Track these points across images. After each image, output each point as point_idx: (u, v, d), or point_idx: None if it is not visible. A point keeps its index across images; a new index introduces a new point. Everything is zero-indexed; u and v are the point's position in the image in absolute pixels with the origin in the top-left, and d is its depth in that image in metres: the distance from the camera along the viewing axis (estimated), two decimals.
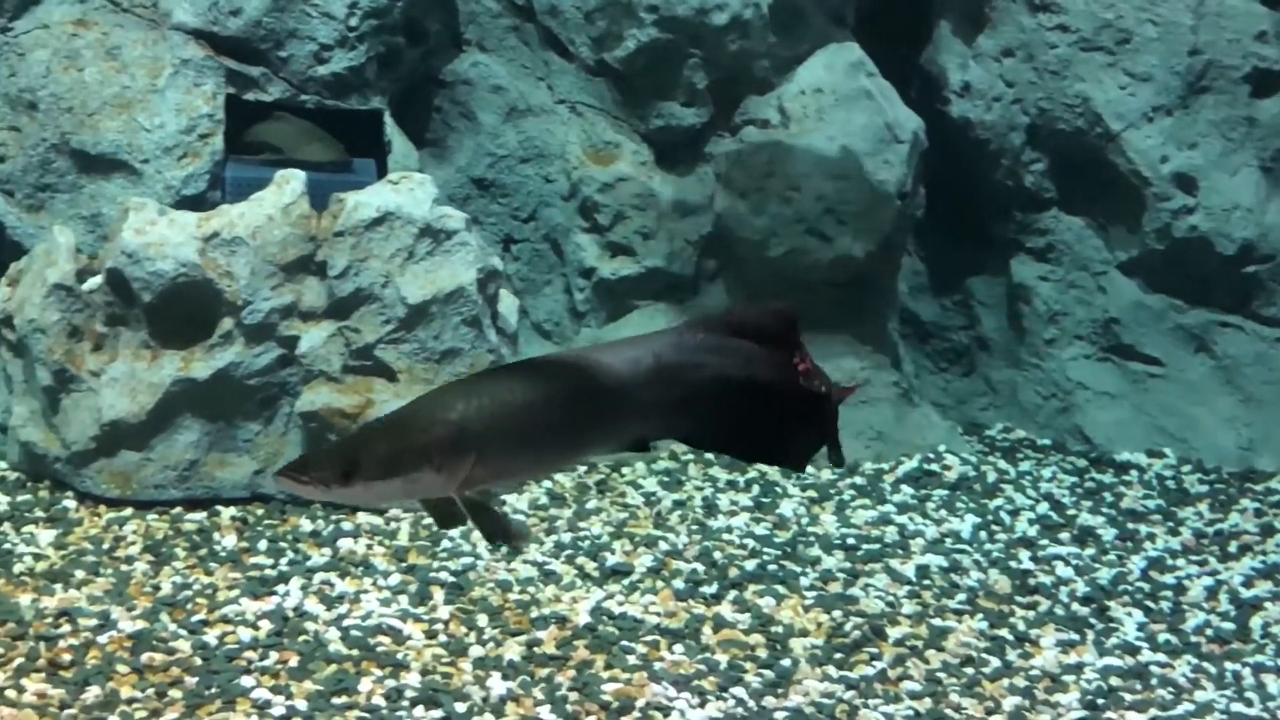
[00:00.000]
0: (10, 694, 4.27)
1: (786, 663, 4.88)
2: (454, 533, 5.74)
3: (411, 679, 4.54)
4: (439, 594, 5.19)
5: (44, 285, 5.84)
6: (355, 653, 4.69)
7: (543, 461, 3.63)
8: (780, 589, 5.48)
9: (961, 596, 5.56)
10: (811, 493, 6.52)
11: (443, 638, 4.86)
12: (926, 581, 5.67)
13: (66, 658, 4.50)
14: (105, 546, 5.38)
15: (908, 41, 7.64)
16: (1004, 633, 5.29)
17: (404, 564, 5.43)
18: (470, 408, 3.31)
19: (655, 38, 6.88)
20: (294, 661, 4.60)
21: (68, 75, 6.42)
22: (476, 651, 4.77)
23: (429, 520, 5.84)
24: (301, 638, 4.77)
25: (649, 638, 4.98)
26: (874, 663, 4.95)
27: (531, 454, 3.43)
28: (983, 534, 6.24)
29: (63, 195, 6.46)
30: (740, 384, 3.53)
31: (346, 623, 4.89)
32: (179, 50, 6.47)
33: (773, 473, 6.70)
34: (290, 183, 5.97)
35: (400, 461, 3.23)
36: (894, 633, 5.18)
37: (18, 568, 5.13)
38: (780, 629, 5.14)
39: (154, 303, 5.79)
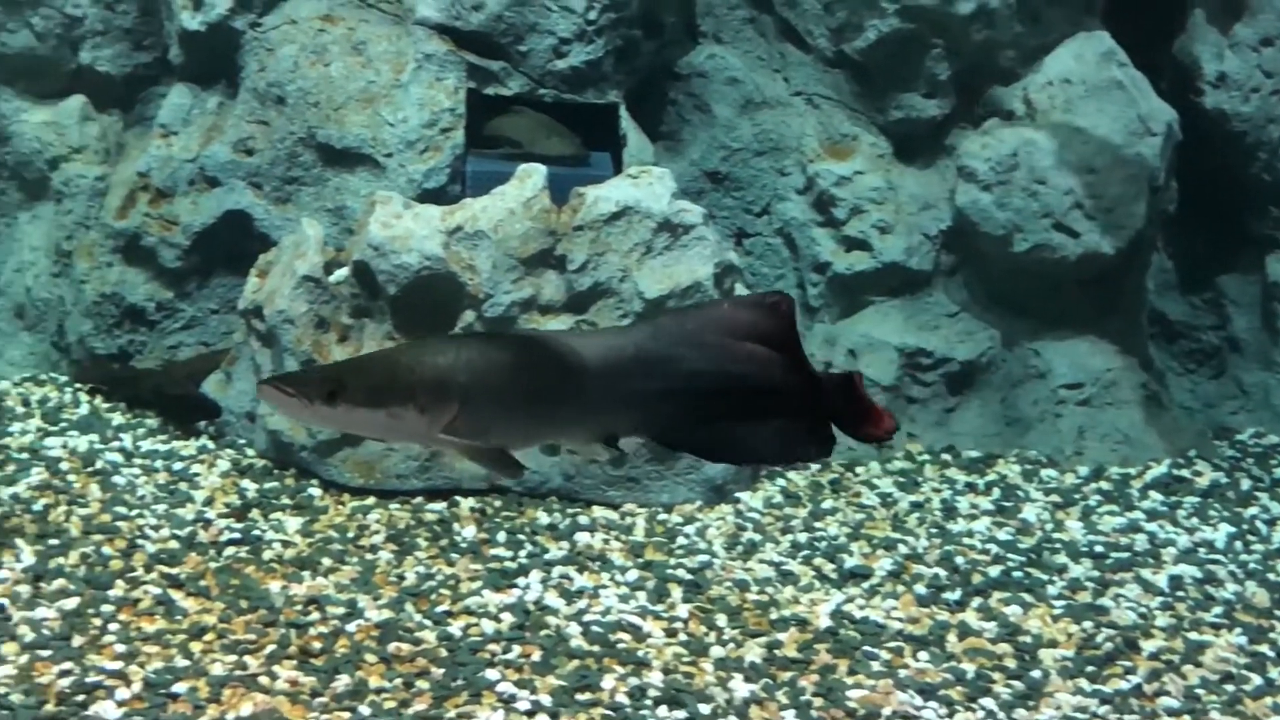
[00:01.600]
0: (263, 680, 4.34)
1: (1036, 674, 4.71)
2: (689, 530, 5.70)
3: (654, 678, 4.50)
4: (677, 591, 5.14)
5: (293, 277, 5.96)
6: (597, 649, 4.67)
7: (516, 429, 3.50)
8: (1026, 597, 5.31)
9: (1218, 609, 5.32)
10: (1055, 497, 6.31)
11: (683, 636, 4.81)
12: (1180, 593, 5.44)
13: (316, 645, 4.56)
14: (350, 535, 5.47)
15: (1159, 31, 7.34)
16: (1264, 649, 5.04)
17: (640, 560, 5.40)
18: (459, 359, 3.38)
19: (897, 28, 6.72)
20: (537, 656, 4.60)
21: (315, 70, 6.54)
22: (717, 652, 4.71)
23: (664, 516, 5.82)
24: (543, 632, 4.77)
25: (892, 644, 4.86)
26: (1128, 677, 4.75)
27: (509, 419, 3.42)
28: (1238, 544, 5.96)
29: (308, 188, 6.59)
30: (719, 380, 3.43)
31: (587, 618, 4.88)
32: (422, 45, 6.54)
33: (1014, 476, 6.52)
34: (532, 177, 5.99)
35: (385, 394, 3.29)
36: (1148, 646, 4.97)
37: (267, 554, 5.24)
38: (1028, 639, 4.97)
39: (398, 295, 5.86)
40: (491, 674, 4.45)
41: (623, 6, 6.68)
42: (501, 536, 5.53)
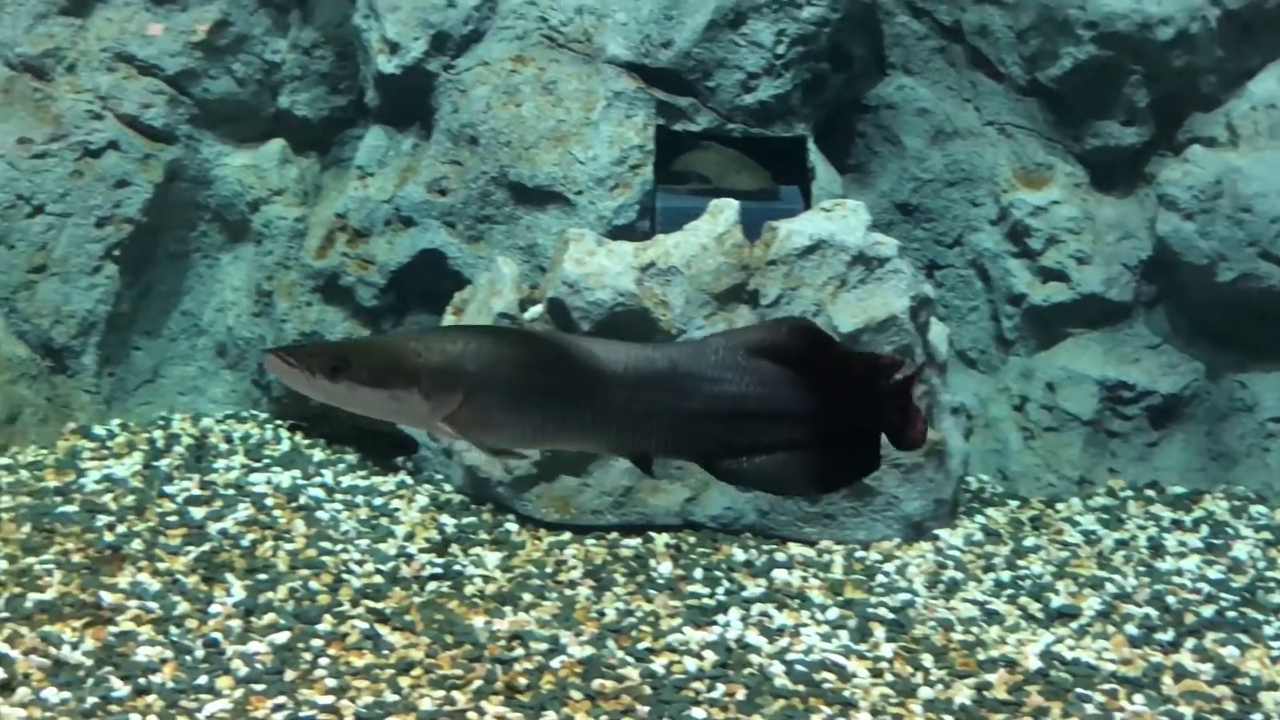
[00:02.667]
0: (471, 716, 4.37)
1: (1257, 717, 4.54)
2: (889, 568, 5.62)
3: (862, 718, 4.43)
4: (879, 630, 5.07)
5: (489, 314, 6.02)
6: (802, 688, 4.61)
7: (528, 428, 3.42)
8: (1243, 638, 5.12)
9: None
10: (1267, 534, 6.10)
11: (889, 676, 4.73)
12: None
13: (522, 681, 4.58)
14: (548, 570, 5.49)
15: None
16: None
17: (840, 598, 5.34)
18: (468, 348, 3.33)
19: (1094, 55, 6.58)
20: (741, 694, 4.56)
21: (506, 110, 6.62)
22: (926, 693, 4.61)
23: (862, 554, 5.74)
24: (746, 670, 4.73)
25: (1106, 685, 4.73)
26: None
27: (518, 416, 3.36)
28: None
29: (500, 226, 6.66)
30: (761, 408, 3.35)
31: (790, 656, 4.83)
32: (612, 83, 6.58)
33: (1222, 512, 6.32)
34: (724, 212, 5.98)
35: (390, 375, 3.26)
36: None
37: (469, 589, 5.28)
38: (1247, 681, 4.79)
39: (593, 331, 5.88)
40: (697, 713, 4.42)
41: (811, 40, 6.65)
42: (698, 573, 5.51)
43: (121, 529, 5.65)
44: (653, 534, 5.86)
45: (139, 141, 6.91)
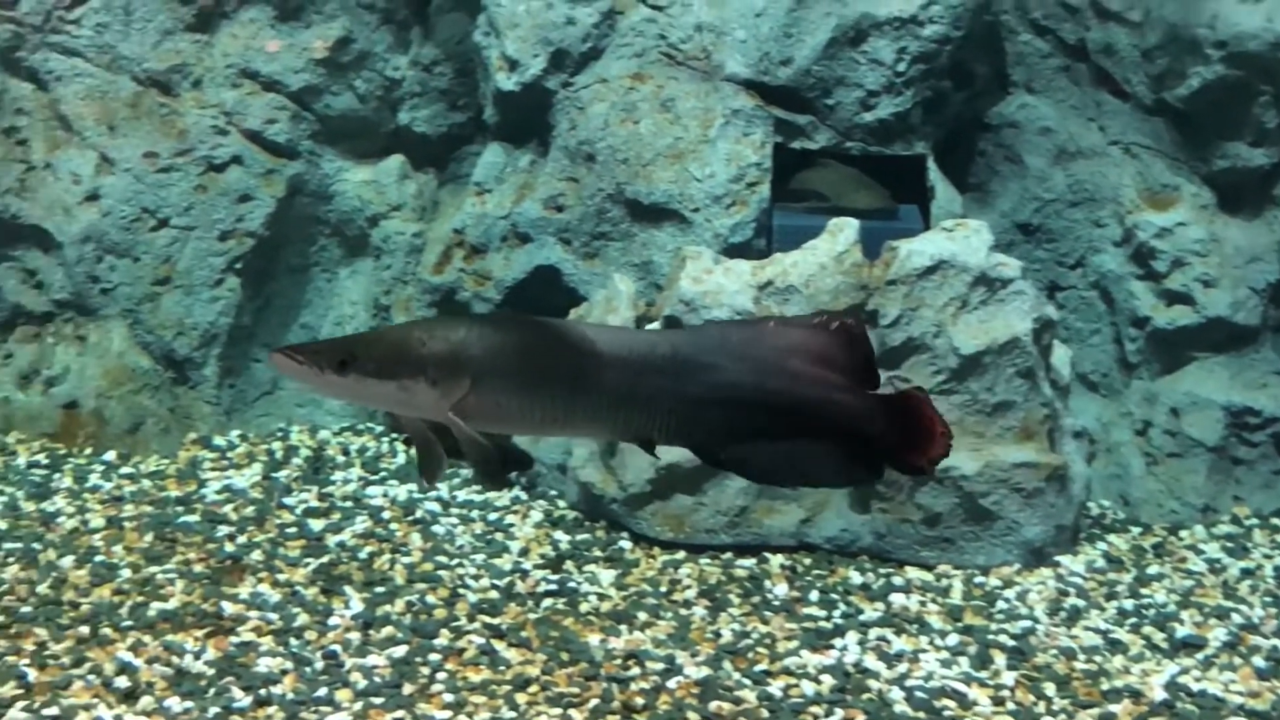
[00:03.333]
0: None
1: None
2: (1009, 594, 5.53)
3: None
4: (1000, 658, 4.98)
5: None
6: (921, 715, 4.55)
7: (534, 414, 3.45)
8: None
9: None
10: None
11: (1011, 705, 4.65)
12: None
13: (639, 701, 4.56)
14: (663, 589, 5.47)
15: None
16: None
17: (960, 624, 5.26)
18: (472, 335, 3.37)
19: (1222, 75, 6.44)
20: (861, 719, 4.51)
21: (624, 128, 6.62)
22: None
23: (981, 579, 5.66)
24: (865, 695, 4.67)
25: (1233, 719, 4.61)
26: None
27: (527, 400, 3.38)
28: None
29: (616, 243, 6.67)
30: (759, 394, 3.36)
31: (909, 682, 4.76)
32: (730, 101, 6.56)
33: None
34: (844, 231, 5.93)
35: (396, 366, 3.30)
36: None
37: (584, 607, 5.27)
38: None
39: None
40: None
41: (932, 58, 6.58)
42: (814, 595, 5.45)
43: (242, 540, 5.71)
44: (767, 554, 5.82)
45: (262, 156, 7.00)
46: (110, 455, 6.57)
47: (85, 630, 4.88)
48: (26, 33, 6.73)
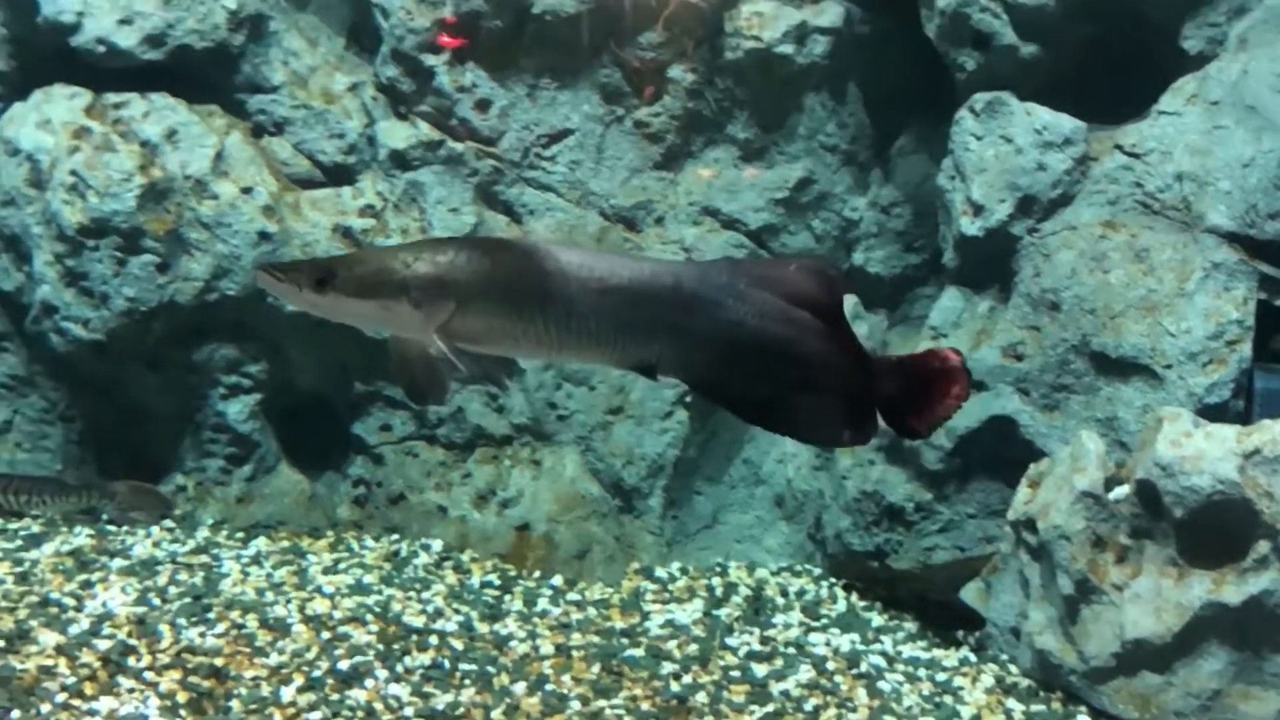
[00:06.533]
0: None
1: None
2: None
3: None
4: None
5: (1070, 491, 5.74)
6: None
7: (530, 337, 3.39)
8: None
9: None
10: None
11: None
12: None
13: None
14: None
15: None
16: None
17: None
18: (460, 258, 3.34)
19: None
20: None
21: (1093, 277, 6.37)
22: None
23: None
24: None
25: None
26: None
27: (518, 324, 3.33)
28: None
29: (1078, 396, 6.39)
30: (760, 337, 3.33)
31: None
32: (1210, 254, 6.23)
33: None
34: None
35: (377, 285, 3.30)
36: None
37: None
38: None
39: (1184, 518, 5.50)
40: None
41: None
42: None
43: (687, 679, 5.67)
44: None
45: None
46: (557, 580, 6.68)
47: None
48: (505, 168, 7.03)
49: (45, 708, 4.78)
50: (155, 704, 4.89)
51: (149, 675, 5.10)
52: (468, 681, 5.56)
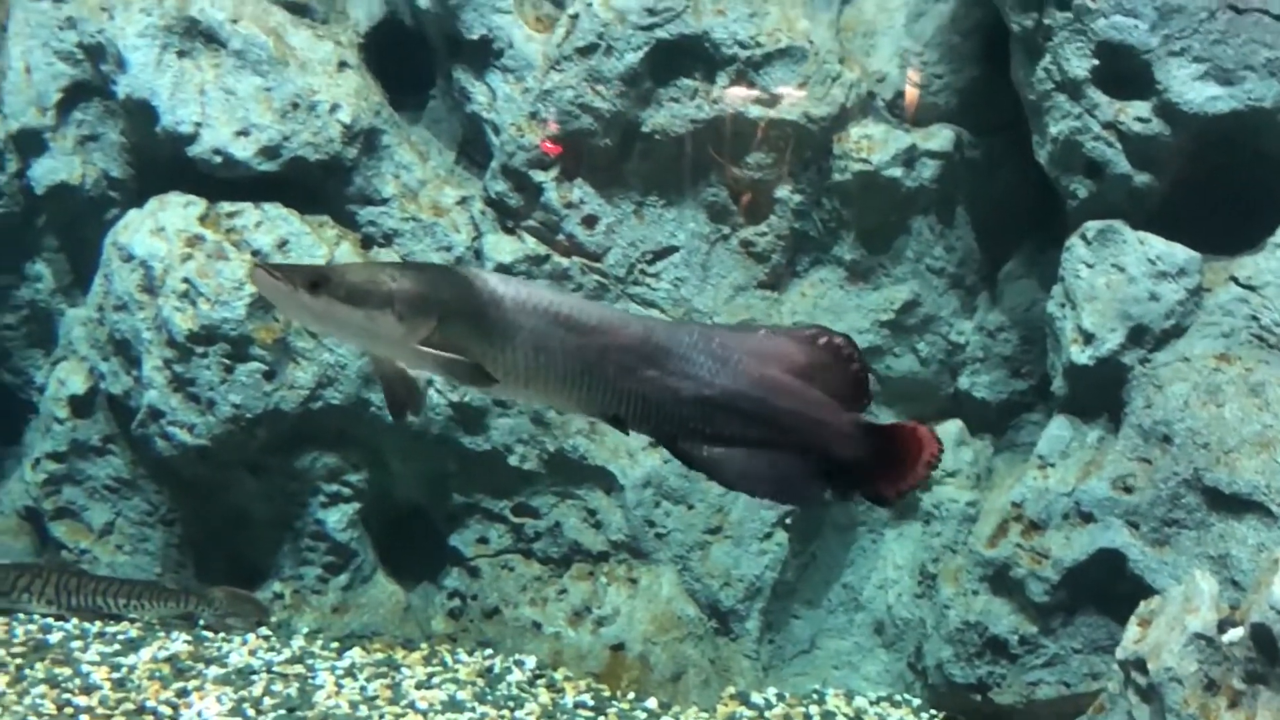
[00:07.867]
0: None
1: None
2: None
3: None
4: None
5: (1182, 632, 5.56)
6: None
7: (501, 366, 3.49)
8: None
9: None
10: None
11: None
12: None
13: None
14: None
15: None
16: None
17: None
18: (444, 280, 3.53)
19: None
20: None
21: (1206, 410, 6.24)
22: None
23: None
24: None
25: None
26: None
27: (490, 350, 3.45)
28: None
29: (1189, 532, 6.24)
30: (732, 399, 3.35)
31: None
32: None
33: None
34: None
35: (365, 295, 3.43)
36: None
37: None
38: None
39: None
40: None
41: None
42: None
43: None
44: None
45: None
46: (652, 702, 6.58)
47: None
48: (610, 283, 7.04)
49: None
50: None
51: None
52: None
